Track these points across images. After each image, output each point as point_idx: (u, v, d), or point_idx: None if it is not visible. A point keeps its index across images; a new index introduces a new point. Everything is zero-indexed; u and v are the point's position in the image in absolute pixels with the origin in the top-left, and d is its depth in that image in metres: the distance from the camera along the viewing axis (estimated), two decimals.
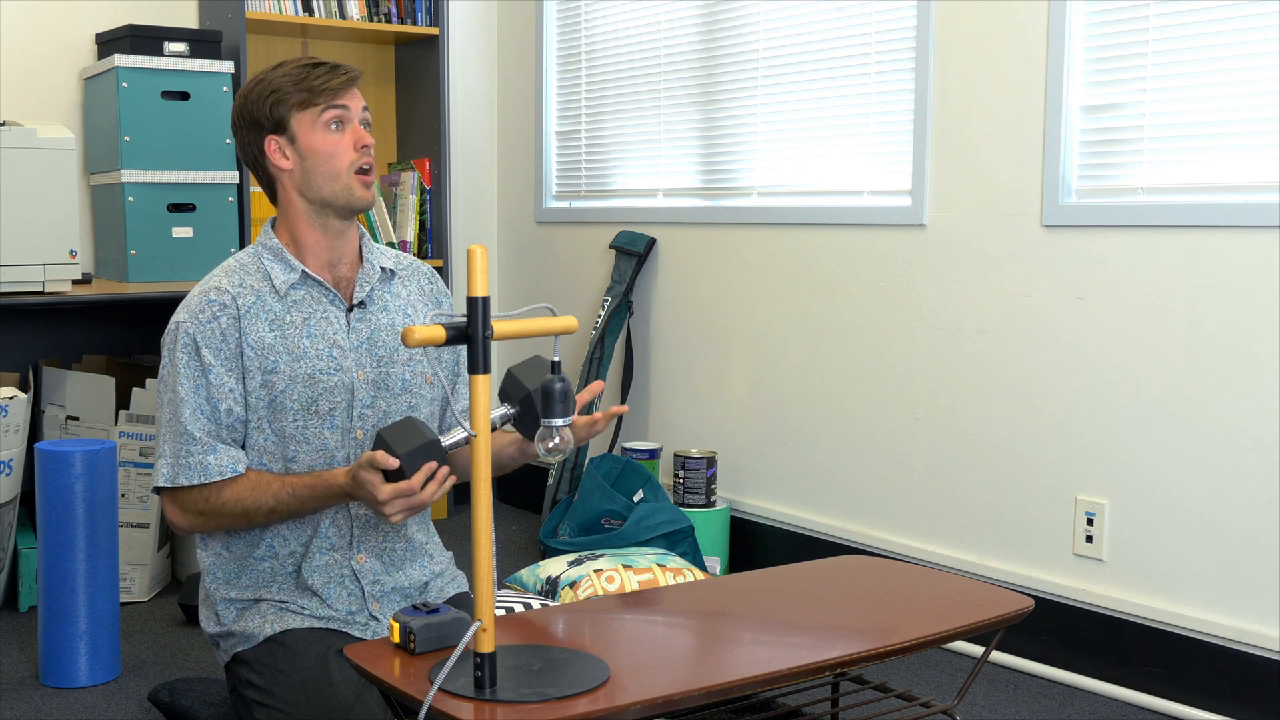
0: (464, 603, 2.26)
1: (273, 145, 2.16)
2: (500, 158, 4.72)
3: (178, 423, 2.11)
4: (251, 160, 2.21)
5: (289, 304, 2.17)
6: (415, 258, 2.37)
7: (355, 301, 2.21)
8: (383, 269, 2.26)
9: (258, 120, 2.15)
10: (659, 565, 3.19)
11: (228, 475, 2.11)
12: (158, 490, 2.15)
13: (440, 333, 1.53)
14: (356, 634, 2.15)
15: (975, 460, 3.17)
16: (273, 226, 2.24)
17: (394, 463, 1.91)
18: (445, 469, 1.95)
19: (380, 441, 1.94)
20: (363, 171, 2.16)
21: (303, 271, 2.17)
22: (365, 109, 2.19)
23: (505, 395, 2.01)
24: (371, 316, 2.22)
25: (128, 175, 3.57)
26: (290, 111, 2.14)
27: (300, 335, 2.16)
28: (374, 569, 2.19)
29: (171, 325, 2.15)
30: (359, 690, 2.01)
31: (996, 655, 3.05)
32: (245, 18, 3.81)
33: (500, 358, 4.68)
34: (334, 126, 2.14)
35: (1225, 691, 2.71)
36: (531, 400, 1.97)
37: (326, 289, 2.19)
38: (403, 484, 1.92)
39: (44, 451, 2.86)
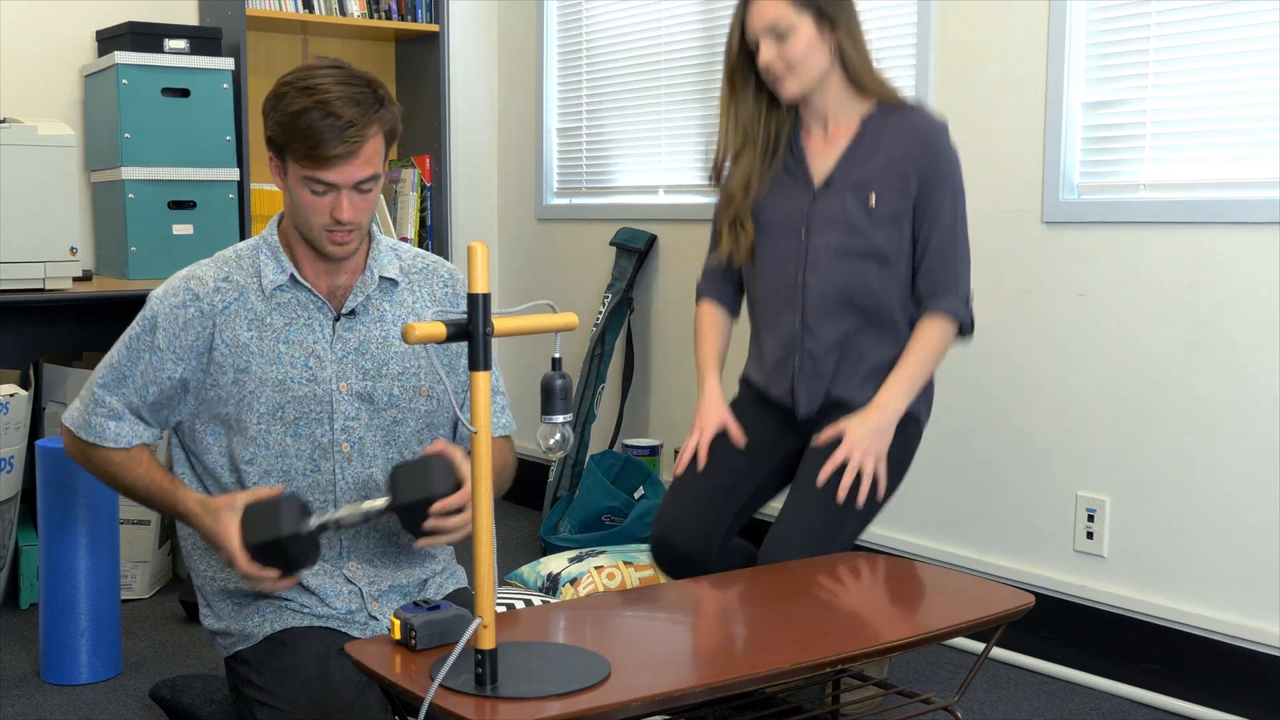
0: (463, 599, 2.25)
1: (273, 161, 2.08)
2: (501, 155, 4.72)
3: (99, 383, 2.14)
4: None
5: (273, 305, 2.12)
6: (438, 259, 2.28)
7: (345, 310, 2.14)
8: (383, 278, 2.17)
9: (267, 133, 2.05)
10: None
11: (121, 445, 2.14)
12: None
13: (440, 330, 1.53)
14: (355, 633, 2.14)
15: (975, 457, 3.17)
16: (280, 220, 2.19)
17: (235, 542, 1.99)
18: (280, 579, 2.00)
19: (268, 508, 1.97)
20: (333, 232, 2.06)
21: (291, 275, 2.12)
22: (369, 179, 2.03)
23: (391, 487, 1.97)
24: (362, 327, 2.15)
25: (128, 172, 3.57)
26: (286, 152, 2.02)
27: (277, 340, 2.11)
28: (368, 573, 2.19)
29: (147, 298, 2.15)
30: (360, 689, 2.01)
31: (997, 652, 3.05)
32: (245, 15, 3.80)
33: (501, 355, 4.68)
34: (317, 191, 2.03)
35: (1226, 688, 2.71)
36: (410, 508, 1.94)
37: (314, 295, 2.13)
38: (248, 570, 1.99)
39: (45, 449, 2.86)
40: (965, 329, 2.51)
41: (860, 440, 2.39)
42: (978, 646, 3.07)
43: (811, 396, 2.52)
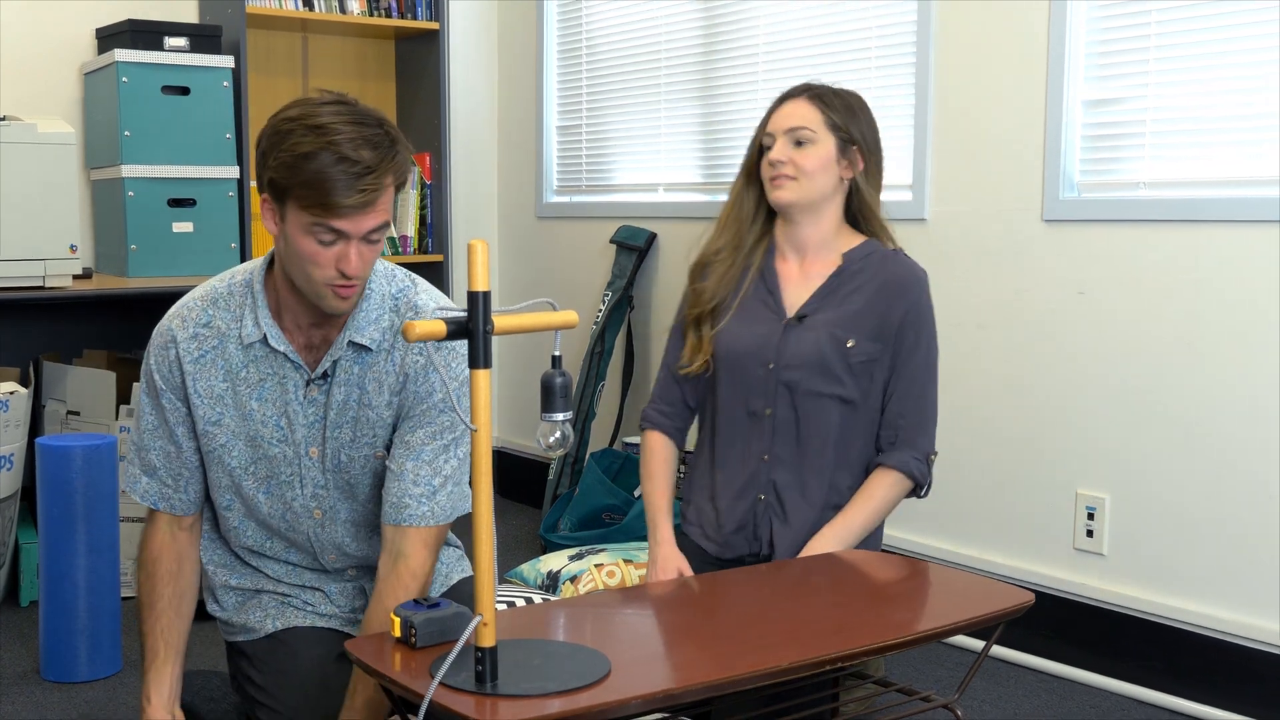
0: (467, 588, 2.23)
1: (266, 204, 1.89)
2: (501, 152, 4.72)
3: (138, 433, 2.07)
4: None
5: (250, 356, 1.99)
6: (443, 309, 1.97)
7: (316, 374, 1.99)
8: (353, 344, 1.98)
9: (261, 170, 1.87)
10: None
11: (144, 502, 2.07)
12: None
13: (440, 327, 1.53)
14: (359, 632, 2.13)
15: (976, 455, 3.17)
16: (270, 262, 2.01)
17: None
18: None
19: None
20: (338, 285, 1.89)
21: (264, 337, 1.97)
22: (380, 227, 1.86)
23: None
24: (333, 390, 2.00)
25: (128, 170, 3.57)
26: (289, 197, 1.83)
27: (251, 395, 2.00)
28: (369, 573, 2.18)
29: (152, 335, 2.06)
30: None
31: (997, 649, 3.05)
32: (245, 12, 3.80)
33: (501, 352, 4.68)
34: (325, 240, 1.85)
35: (1224, 685, 2.71)
36: None
37: (289, 357, 1.98)
38: None
39: (44, 446, 2.86)
40: (919, 487, 2.36)
41: None
42: (978, 644, 3.08)
43: (772, 536, 2.33)
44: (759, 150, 2.38)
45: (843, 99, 2.37)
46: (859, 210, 2.38)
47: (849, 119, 2.34)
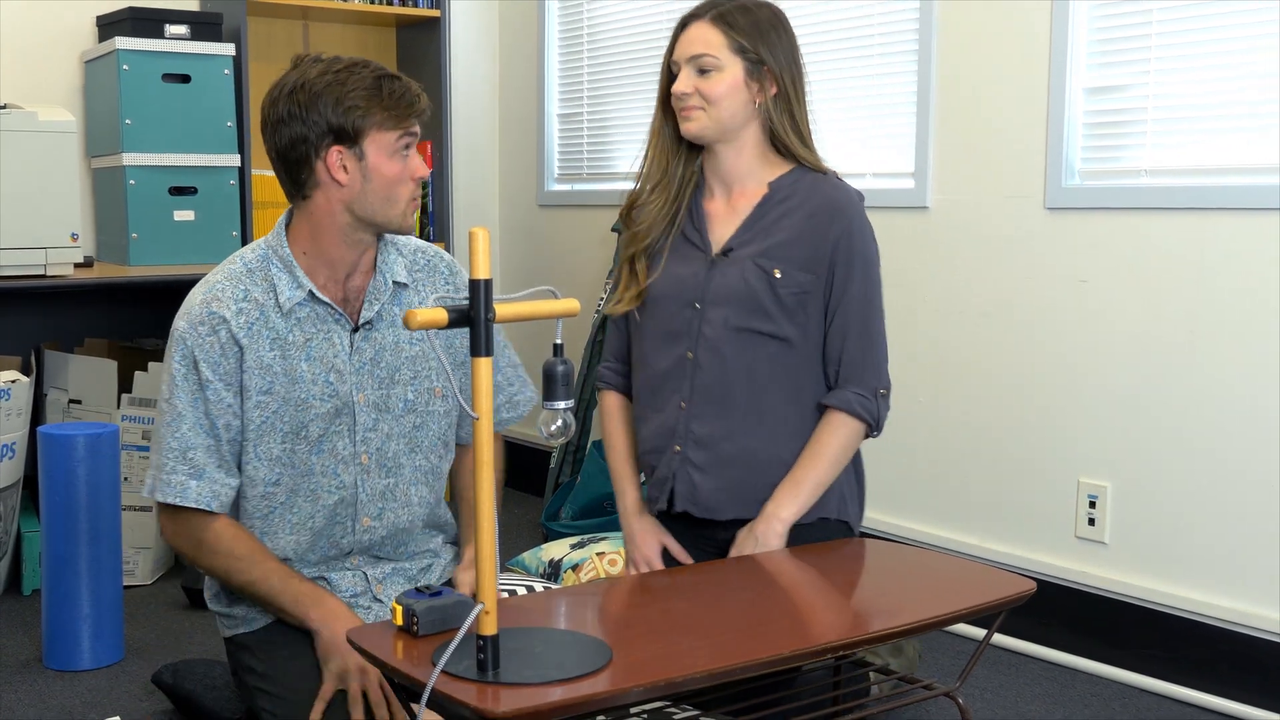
0: None
1: (335, 157, 2.02)
2: (502, 141, 4.71)
3: (174, 437, 2.04)
4: (295, 158, 2.04)
5: (292, 321, 2.07)
6: (436, 251, 2.25)
7: (362, 321, 2.11)
8: (395, 283, 2.15)
9: (329, 125, 2.01)
10: None
11: (202, 506, 2.04)
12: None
13: (442, 315, 1.52)
14: (359, 617, 2.14)
15: (977, 443, 3.17)
16: (287, 226, 2.11)
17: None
18: None
19: None
20: (413, 199, 2.11)
21: (310, 291, 2.07)
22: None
23: None
24: (377, 335, 2.12)
25: (129, 158, 3.56)
26: (370, 129, 2.02)
27: (299, 358, 2.06)
28: (371, 560, 2.19)
29: (173, 330, 2.06)
30: None
31: (999, 638, 3.05)
32: (246, 0, 3.80)
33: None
34: (404, 151, 2.07)
35: (1225, 673, 2.72)
36: None
37: (332, 308, 2.09)
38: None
39: (46, 435, 2.86)
40: (872, 428, 2.22)
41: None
42: (979, 633, 3.08)
43: (692, 489, 2.21)
44: (669, 78, 2.26)
45: (750, 15, 2.19)
46: (774, 138, 2.23)
47: (756, 39, 2.18)
